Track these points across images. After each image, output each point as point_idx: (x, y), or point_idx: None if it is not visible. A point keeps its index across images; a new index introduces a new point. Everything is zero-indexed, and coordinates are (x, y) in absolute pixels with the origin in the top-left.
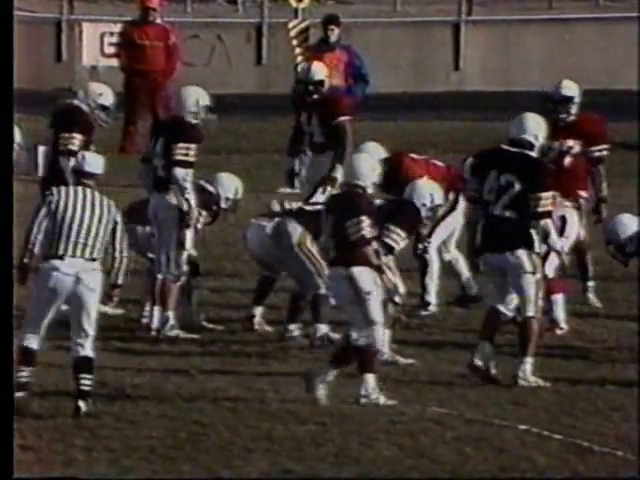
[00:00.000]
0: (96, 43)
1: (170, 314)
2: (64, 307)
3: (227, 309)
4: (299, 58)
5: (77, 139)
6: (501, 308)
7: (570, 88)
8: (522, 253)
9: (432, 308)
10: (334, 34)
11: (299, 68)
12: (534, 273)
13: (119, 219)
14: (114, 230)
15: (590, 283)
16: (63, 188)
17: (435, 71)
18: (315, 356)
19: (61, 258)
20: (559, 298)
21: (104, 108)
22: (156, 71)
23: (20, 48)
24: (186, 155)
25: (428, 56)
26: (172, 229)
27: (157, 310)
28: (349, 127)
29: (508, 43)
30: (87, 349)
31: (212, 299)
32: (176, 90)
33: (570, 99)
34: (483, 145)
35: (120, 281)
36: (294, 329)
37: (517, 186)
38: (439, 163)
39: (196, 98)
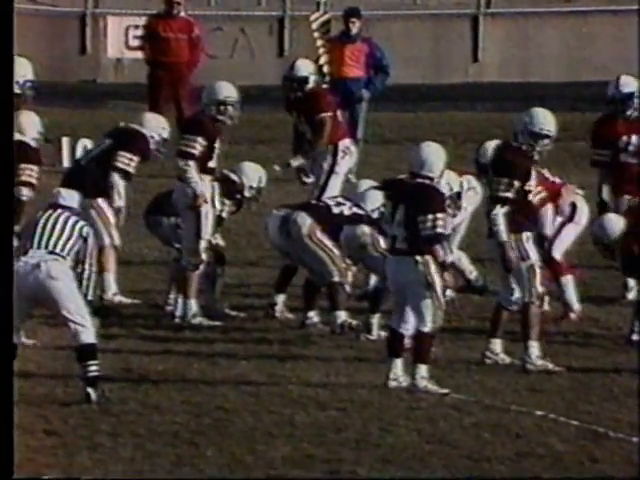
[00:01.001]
0: (121, 36)
1: (192, 302)
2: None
3: (249, 297)
4: (321, 50)
5: (135, 162)
6: (502, 302)
7: (629, 84)
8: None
9: (449, 293)
10: (355, 26)
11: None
12: (524, 259)
13: (90, 235)
14: (85, 242)
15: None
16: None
17: (454, 63)
18: (336, 343)
19: (26, 253)
20: (568, 280)
21: (165, 141)
22: (180, 63)
23: (44, 41)
24: (187, 146)
25: (447, 48)
26: (189, 218)
27: (180, 298)
28: (329, 123)
29: (526, 35)
30: (84, 336)
31: (235, 287)
32: (206, 83)
33: (632, 95)
34: (501, 136)
35: (90, 296)
36: (313, 316)
37: (491, 171)
38: None
39: (227, 94)
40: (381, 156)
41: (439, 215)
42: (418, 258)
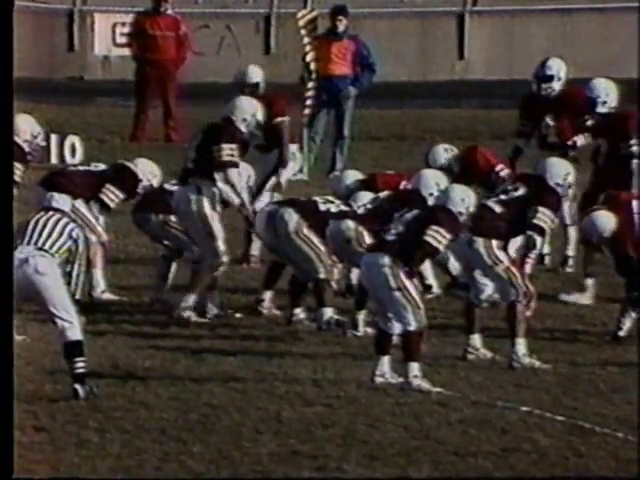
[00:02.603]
0: (108, 33)
1: (192, 298)
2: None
3: (237, 293)
4: (307, 48)
5: (119, 199)
6: (472, 300)
7: None
8: (480, 245)
9: (435, 290)
10: (342, 24)
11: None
12: (496, 264)
13: (80, 237)
14: (75, 243)
15: None
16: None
17: (440, 60)
18: (322, 339)
19: (15, 249)
20: None
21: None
22: (167, 60)
23: (33, 38)
24: (230, 155)
25: (433, 46)
26: (193, 221)
27: (188, 295)
28: (287, 128)
29: (511, 33)
30: (70, 333)
31: (222, 283)
32: (234, 97)
33: None
34: (487, 133)
35: (77, 295)
36: (299, 312)
37: (521, 191)
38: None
39: (253, 112)
40: (367, 153)
41: (448, 236)
42: (385, 261)
